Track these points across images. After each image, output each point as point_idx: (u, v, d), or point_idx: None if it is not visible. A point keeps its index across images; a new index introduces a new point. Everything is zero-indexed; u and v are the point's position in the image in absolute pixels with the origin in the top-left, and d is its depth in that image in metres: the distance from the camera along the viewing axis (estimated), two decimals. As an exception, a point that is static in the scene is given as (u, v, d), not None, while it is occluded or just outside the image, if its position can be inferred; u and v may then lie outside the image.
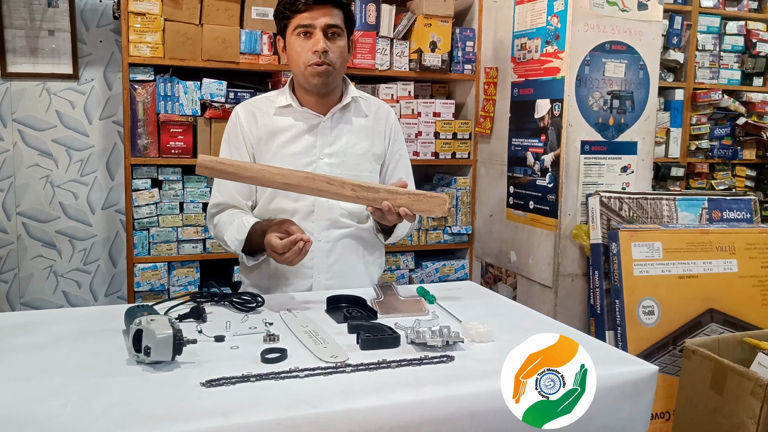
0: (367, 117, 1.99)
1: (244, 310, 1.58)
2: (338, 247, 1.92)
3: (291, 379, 1.15)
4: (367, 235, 1.98)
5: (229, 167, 1.64)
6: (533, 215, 2.98)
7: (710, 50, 3.89)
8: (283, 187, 1.67)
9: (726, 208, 2.78)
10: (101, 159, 3.43)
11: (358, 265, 1.97)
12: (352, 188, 1.65)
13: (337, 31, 1.84)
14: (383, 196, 1.66)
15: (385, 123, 2.01)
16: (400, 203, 1.66)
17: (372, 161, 1.98)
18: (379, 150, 1.99)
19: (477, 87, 3.45)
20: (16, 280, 3.37)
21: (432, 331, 1.32)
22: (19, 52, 3.23)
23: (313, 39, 1.81)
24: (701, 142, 3.88)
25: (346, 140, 1.94)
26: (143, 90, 2.92)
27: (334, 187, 1.64)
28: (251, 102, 1.99)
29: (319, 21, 1.81)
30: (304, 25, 1.81)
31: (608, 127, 2.80)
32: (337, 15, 1.84)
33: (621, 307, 2.47)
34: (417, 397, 1.11)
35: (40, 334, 1.38)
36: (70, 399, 1.06)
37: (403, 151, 2.08)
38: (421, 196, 1.68)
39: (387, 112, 2.04)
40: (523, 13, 3.01)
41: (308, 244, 1.65)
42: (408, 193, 1.68)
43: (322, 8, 1.81)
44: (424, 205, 1.67)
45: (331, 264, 1.92)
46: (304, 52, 1.82)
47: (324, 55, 1.80)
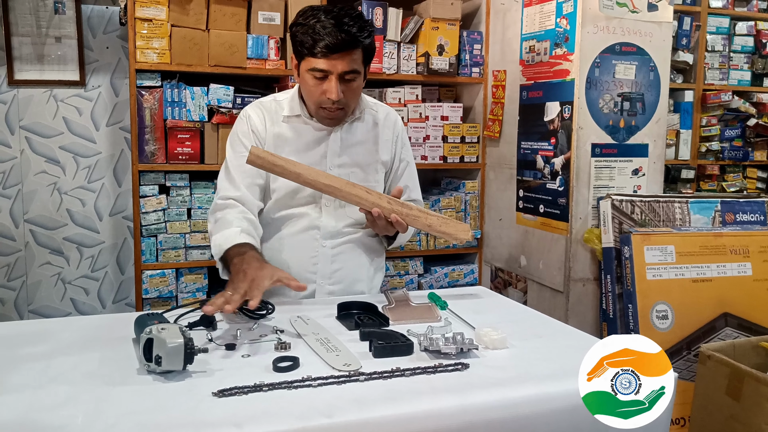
0: (377, 126, 1.96)
1: (255, 317, 1.56)
2: (343, 253, 1.91)
3: (304, 388, 1.13)
4: (370, 241, 1.97)
5: (279, 160, 1.69)
6: (543, 219, 2.95)
7: (720, 51, 3.85)
8: (325, 188, 1.71)
9: (739, 211, 2.75)
10: (108, 165, 3.43)
11: (362, 271, 1.95)
12: (388, 201, 1.73)
13: (355, 76, 1.75)
14: (415, 213, 1.75)
15: (392, 131, 1.99)
16: (430, 222, 1.75)
17: (380, 170, 1.96)
18: (386, 158, 1.97)
19: (485, 90, 3.43)
20: (24, 287, 3.37)
21: (445, 338, 1.30)
22: (26, 60, 3.23)
23: (328, 83, 1.72)
24: (711, 144, 3.85)
25: (356, 151, 1.91)
26: (150, 96, 2.91)
27: (372, 197, 1.71)
28: (261, 103, 1.93)
29: (336, 68, 1.71)
30: (320, 69, 1.71)
31: (619, 130, 2.78)
32: (357, 56, 1.73)
33: (634, 311, 2.45)
34: (432, 405, 1.09)
35: (49, 343, 1.37)
36: (81, 409, 1.05)
37: (410, 157, 2.05)
38: (449, 220, 1.77)
39: (394, 119, 2.01)
40: (532, 16, 2.99)
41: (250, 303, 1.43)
42: (437, 215, 1.78)
43: (341, 54, 1.70)
44: (450, 228, 1.77)
45: (335, 270, 1.90)
46: (317, 92, 1.75)
47: (338, 102, 1.75)
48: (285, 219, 1.88)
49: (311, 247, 1.88)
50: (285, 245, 1.88)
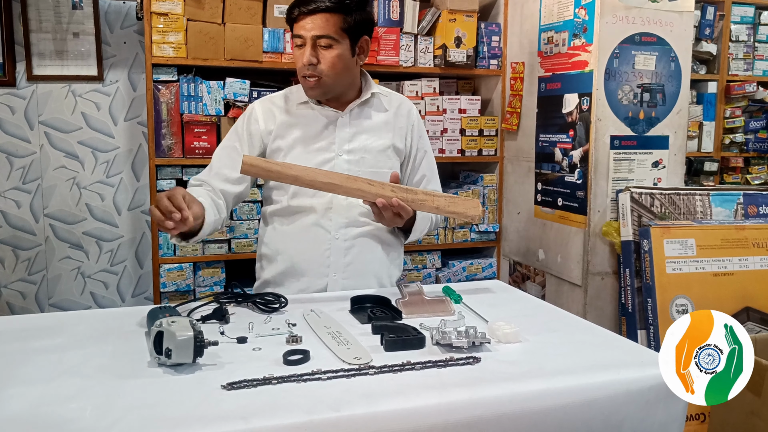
0: (387, 112, 1.95)
1: (267, 310, 1.56)
2: (356, 246, 1.89)
3: (313, 381, 1.13)
4: (386, 235, 1.94)
5: (273, 166, 1.66)
6: (562, 212, 2.92)
7: (744, 41, 3.78)
8: (325, 187, 1.67)
9: (762, 203, 2.70)
10: (126, 160, 3.45)
11: (376, 265, 1.93)
12: (391, 189, 1.67)
13: (329, 42, 1.77)
14: (421, 197, 1.69)
15: (407, 119, 1.97)
16: (437, 204, 1.69)
17: (392, 157, 1.94)
18: (400, 145, 1.95)
19: (503, 82, 3.40)
20: (45, 281, 3.41)
21: (458, 331, 1.28)
22: (44, 55, 3.25)
23: (304, 50, 1.78)
24: (735, 136, 3.78)
25: (366, 136, 1.90)
26: (167, 90, 2.92)
27: (374, 188, 1.66)
28: (269, 99, 1.96)
29: (308, 33, 1.76)
30: (297, 35, 1.79)
31: (638, 121, 2.74)
32: (331, 22, 1.76)
33: (653, 305, 2.41)
34: (442, 399, 1.08)
35: (62, 336, 1.38)
36: (91, 401, 1.05)
37: (427, 147, 2.04)
38: (456, 198, 1.71)
39: (409, 108, 1.99)
40: (550, 6, 2.95)
41: (185, 217, 1.51)
42: (444, 195, 1.72)
43: (312, 17, 1.76)
44: (459, 207, 1.70)
45: (348, 263, 1.88)
46: (298, 61, 1.81)
47: (311, 67, 1.77)
48: (297, 211, 1.88)
49: (324, 240, 1.87)
50: (297, 238, 1.88)
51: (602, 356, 1.28)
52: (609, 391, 1.16)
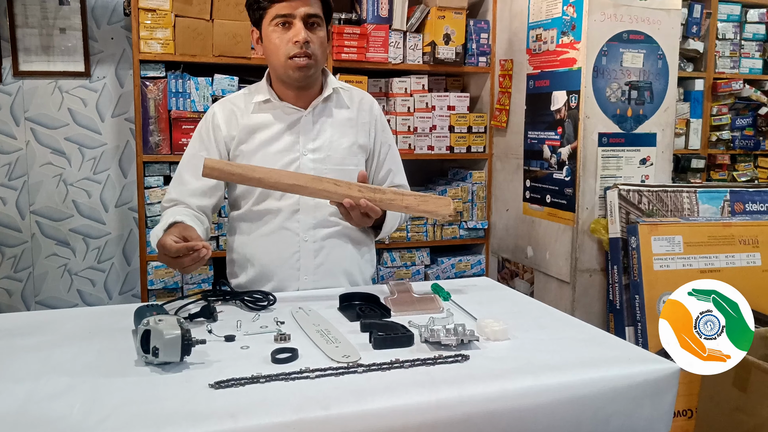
0: (350, 108, 1.91)
1: (256, 308, 1.55)
2: (326, 246, 1.85)
3: (301, 379, 1.12)
4: (356, 233, 1.91)
5: (236, 169, 1.62)
6: (550, 209, 2.93)
7: (731, 39, 3.81)
8: (290, 188, 1.63)
9: (749, 201, 2.72)
10: (114, 157, 3.43)
11: (347, 264, 1.90)
12: (359, 189, 1.63)
13: (317, 20, 1.76)
14: (389, 197, 1.66)
15: (369, 114, 1.94)
16: (407, 204, 1.66)
17: (357, 154, 1.90)
18: (364, 141, 1.92)
19: (492, 80, 3.40)
20: (31, 278, 3.38)
21: (446, 329, 1.28)
22: (30, 51, 3.23)
23: (293, 29, 1.73)
24: (722, 133, 3.80)
25: (330, 134, 1.86)
26: (154, 87, 2.90)
27: (341, 189, 1.62)
28: (230, 99, 1.91)
29: (298, 10, 1.73)
30: (283, 15, 1.73)
31: (626, 119, 2.75)
32: (316, 3, 1.76)
33: (641, 302, 2.42)
34: (431, 397, 1.08)
35: (49, 334, 1.37)
36: (78, 399, 1.04)
37: (391, 140, 2.00)
38: (427, 197, 1.69)
39: (370, 103, 1.96)
40: (538, 4, 2.96)
41: (207, 251, 1.52)
42: (414, 194, 1.69)
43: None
44: (430, 206, 1.67)
45: (318, 264, 1.85)
46: (284, 43, 1.75)
47: (306, 45, 1.73)
48: (264, 215, 1.84)
49: (293, 242, 1.83)
50: (266, 242, 1.84)
51: (590, 353, 1.28)
52: (597, 387, 1.16)
